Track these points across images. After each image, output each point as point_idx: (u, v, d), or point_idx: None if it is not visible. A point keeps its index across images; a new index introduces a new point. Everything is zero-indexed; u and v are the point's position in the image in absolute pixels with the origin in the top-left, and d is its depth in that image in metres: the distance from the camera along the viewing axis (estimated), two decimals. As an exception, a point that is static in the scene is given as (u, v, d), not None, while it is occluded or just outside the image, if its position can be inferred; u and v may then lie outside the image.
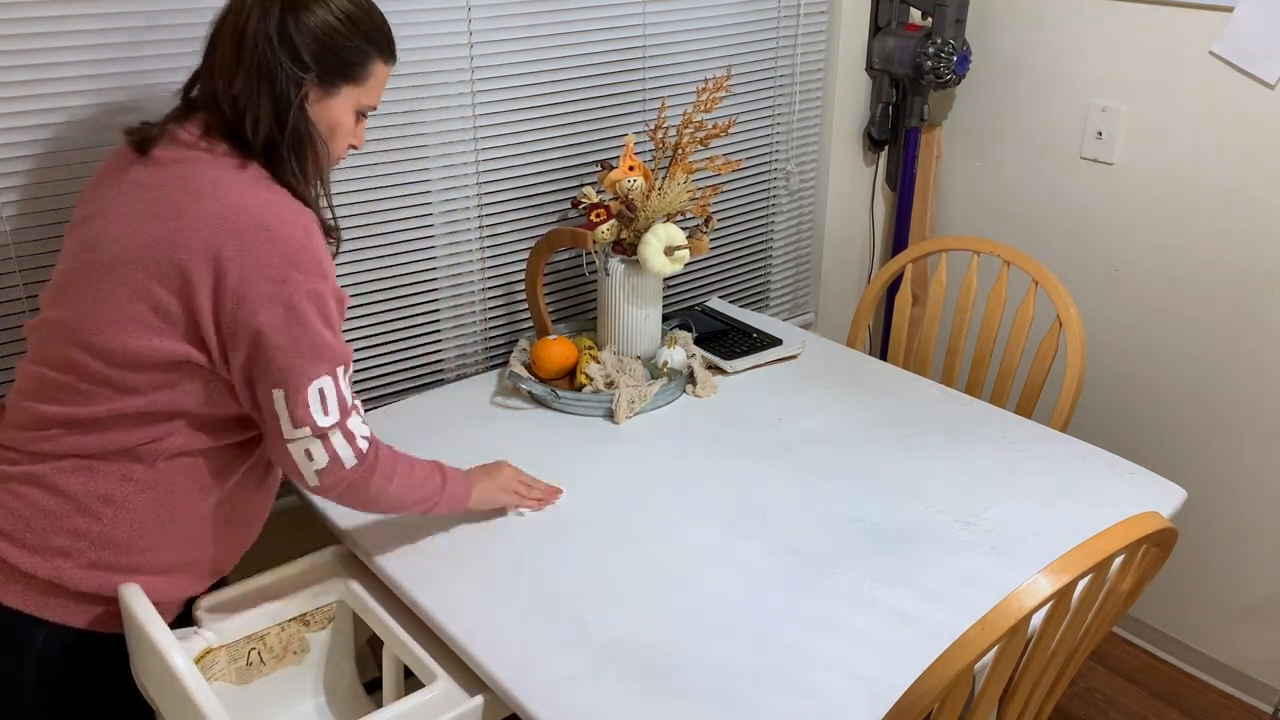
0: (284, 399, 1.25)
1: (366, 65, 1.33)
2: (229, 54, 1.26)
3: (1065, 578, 1.06)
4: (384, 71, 1.37)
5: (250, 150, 1.27)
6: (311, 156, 1.31)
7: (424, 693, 1.33)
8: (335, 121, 1.33)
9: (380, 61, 1.35)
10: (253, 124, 1.26)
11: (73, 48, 1.47)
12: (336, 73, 1.30)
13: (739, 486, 1.64)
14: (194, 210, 1.22)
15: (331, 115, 1.32)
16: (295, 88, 1.26)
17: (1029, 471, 1.67)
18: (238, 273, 1.21)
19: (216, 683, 1.47)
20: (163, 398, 1.26)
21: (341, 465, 1.31)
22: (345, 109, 1.33)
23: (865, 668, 1.27)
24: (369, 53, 1.32)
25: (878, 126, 2.51)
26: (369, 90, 1.35)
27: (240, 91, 1.25)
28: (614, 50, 2.03)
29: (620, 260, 1.89)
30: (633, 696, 1.23)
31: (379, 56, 1.34)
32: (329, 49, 1.28)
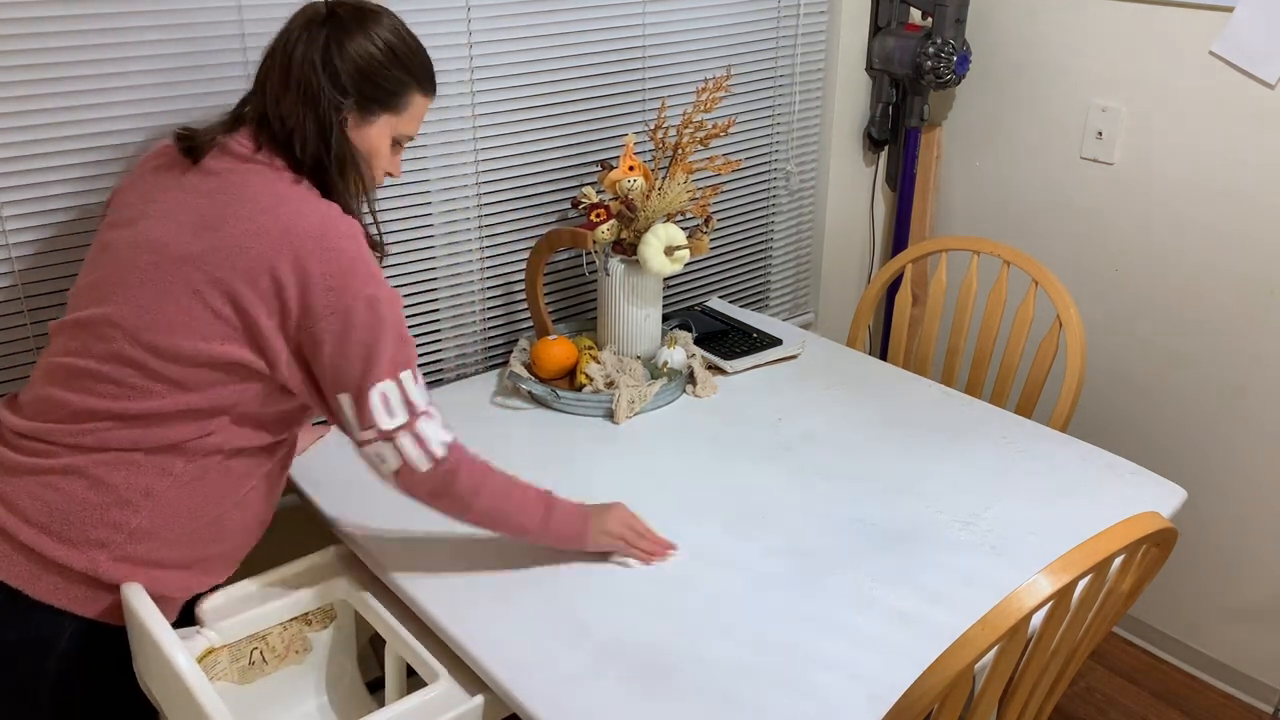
0: (350, 403, 1.29)
1: (404, 95, 1.37)
2: (278, 76, 1.32)
3: (1065, 578, 1.07)
4: (422, 103, 1.41)
5: (301, 166, 1.32)
6: (355, 177, 1.36)
7: (425, 692, 1.33)
8: (372, 148, 1.38)
9: (419, 93, 1.39)
10: (301, 142, 1.31)
11: (74, 47, 1.47)
12: (374, 100, 1.35)
13: (739, 486, 1.64)
14: (254, 221, 1.26)
15: (369, 141, 1.37)
16: (335, 111, 1.32)
17: (1029, 471, 1.67)
18: (299, 283, 1.25)
19: (219, 682, 1.48)
20: (218, 395, 1.29)
21: (414, 469, 1.33)
22: (383, 136, 1.38)
23: (865, 668, 1.27)
24: (408, 84, 1.37)
25: (878, 126, 2.51)
26: (406, 120, 1.40)
27: (288, 111, 1.31)
28: (614, 50, 2.03)
29: (620, 260, 1.89)
30: (633, 696, 1.23)
31: (417, 88, 1.39)
32: (368, 77, 1.33)
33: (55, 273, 1.55)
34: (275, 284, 1.24)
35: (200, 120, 1.40)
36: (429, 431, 1.33)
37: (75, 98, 1.49)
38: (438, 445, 1.33)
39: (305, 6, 1.36)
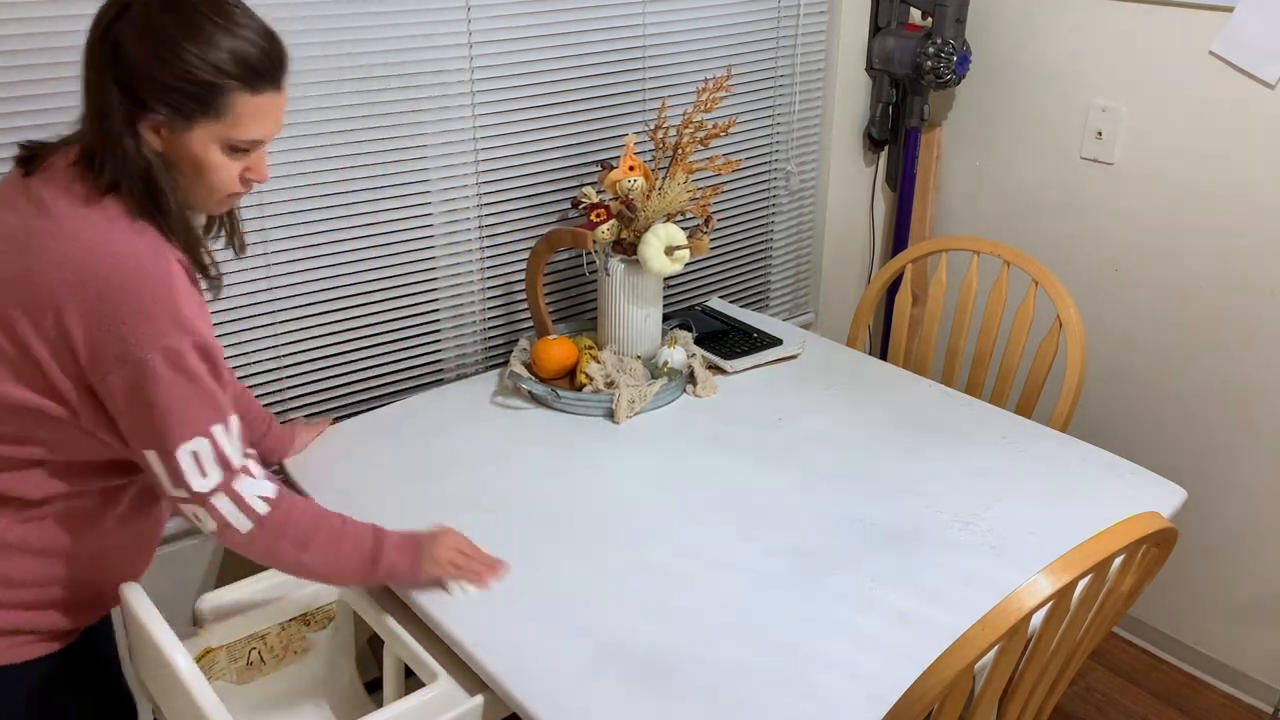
0: (158, 460, 1.18)
1: (219, 97, 1.13)
2: (82, 81, 1.15)
3: (1065, 578, 1.07)
4: (251, 103, 1.16)
5: (109, 186, 1.15)
6: (169, 194, 1.16)
7: (424, 692, 1.33)
8: (195, 158, 1.17)
9: (242, 92, 1.15)
10: (98, 159, 1.14)
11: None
12: (180, 106, 1.13)
13: (739, 486, 1.64)
14: (48, 251, 1.12)
15: (190, 151, 1.16)
16: (128, 123, 1.13)
17: (1029, 471, 1.67)
18: (85, 329, 1.11)
19: (217, 682, 1.47)
20: (13, 448, 1.18)
21: (235, 530, 1.23)
22: (204, 144, 1.16)
23: (865, 668, 1.27)
24: (221, 84, 1.13)
25: (878, 126, 2.51)
26: (233, 124, 1.16)
27: (84, 123, 1.15)
28: (614, 50, 2.03)
29: (620, 260, 1.89)
30: (633, 696, 1.23)
31: (239, 87, 1.14)
32: (163, 81, 1.11)
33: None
34: (59, 325, 1.11)
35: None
36: (246, 489, 1.22)
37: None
38: (257, 503, 1.23)
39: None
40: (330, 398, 1.88)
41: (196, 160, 1.17)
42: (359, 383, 1.91)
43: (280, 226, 1.73)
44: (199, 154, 1.16)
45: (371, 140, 1.78)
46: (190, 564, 1.81)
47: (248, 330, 1.75)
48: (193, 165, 1.17)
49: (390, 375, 1.95)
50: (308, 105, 1.69)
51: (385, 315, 1.90)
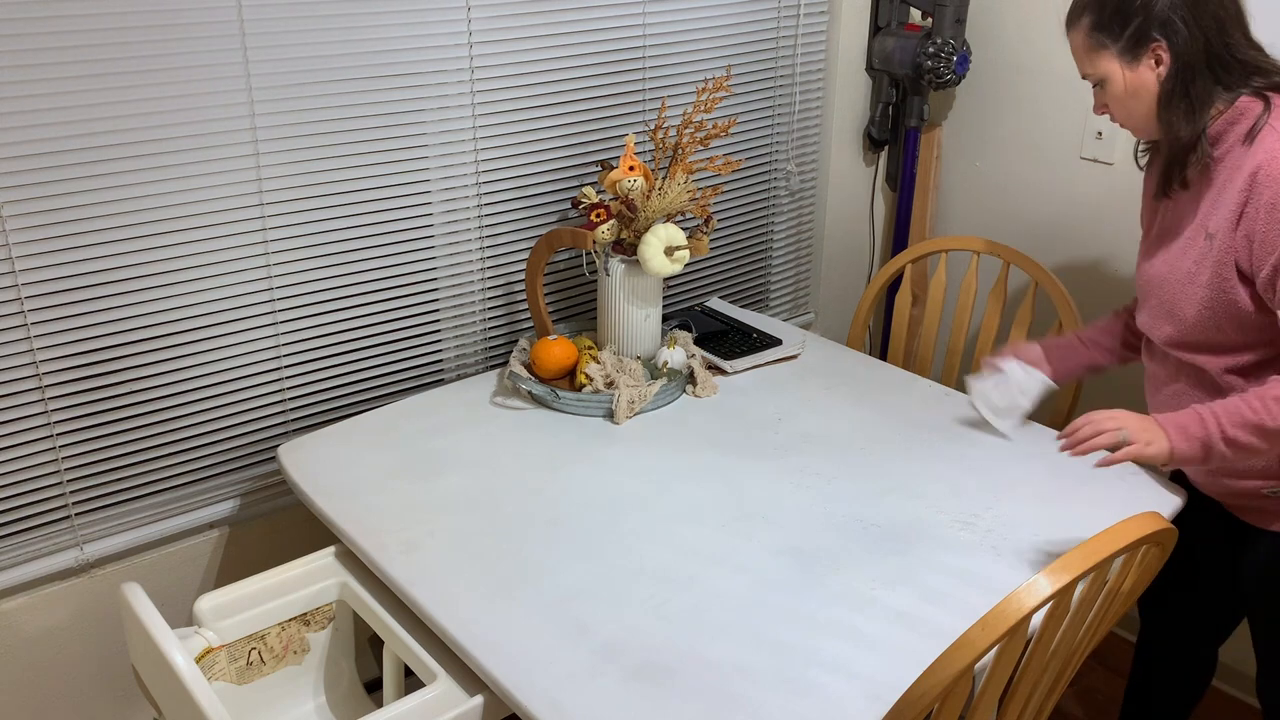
0: None
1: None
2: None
3: (1065, 578, 1.07)
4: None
5: None
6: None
7: (424, 692, 1.33)
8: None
9: None
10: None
11: (73, 47, 1.47)
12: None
13: (739, 486, 1.64)
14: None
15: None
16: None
17: (1029, 471, 1.67)
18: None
19: (217, 682, 1.47)
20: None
21: None
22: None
23: (865, 668, 1.27)
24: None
25: (878, 126, 2.51)
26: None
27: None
28: (614, 50, 2.03)
29: (620, 260, 1.89)
30: (633, 696, 1.23)
31: None
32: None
33: (55, 273, 1.55)
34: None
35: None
36: None
37: (75, 97, 1.49)
38: None
39: None
40: (330, 398, 1.88)
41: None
42: (359, 383, 1.91)
43: (280, 226, 1.73)
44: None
45: (371, 140, 1.78)
46: (190, 564, 1.81)
47: (248, 330, 1.75)
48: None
49: (390, 375, 1.95)
50: (308, 105, 1.69)
51: (385, 315, 1.90)
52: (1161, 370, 1.59)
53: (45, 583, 1.67)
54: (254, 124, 1.65)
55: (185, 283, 1.67)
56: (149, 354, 1.67)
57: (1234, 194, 1.40)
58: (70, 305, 1.58)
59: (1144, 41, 1.41)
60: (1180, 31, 1.39)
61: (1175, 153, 1.46)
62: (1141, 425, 1.41)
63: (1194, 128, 1.42)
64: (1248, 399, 1.35)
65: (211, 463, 1.79)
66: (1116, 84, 1.45)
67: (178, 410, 1.72)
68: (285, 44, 1.64)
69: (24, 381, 1.57)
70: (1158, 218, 1.57)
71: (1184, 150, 1.45)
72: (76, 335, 1.59)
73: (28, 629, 1.66)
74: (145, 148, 1.57)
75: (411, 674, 1.46)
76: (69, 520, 1.67)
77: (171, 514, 1.77)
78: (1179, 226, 1.51)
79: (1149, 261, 1.56)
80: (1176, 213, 1.52)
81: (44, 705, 1.71)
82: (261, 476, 1.85)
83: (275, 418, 1.83)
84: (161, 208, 1.61)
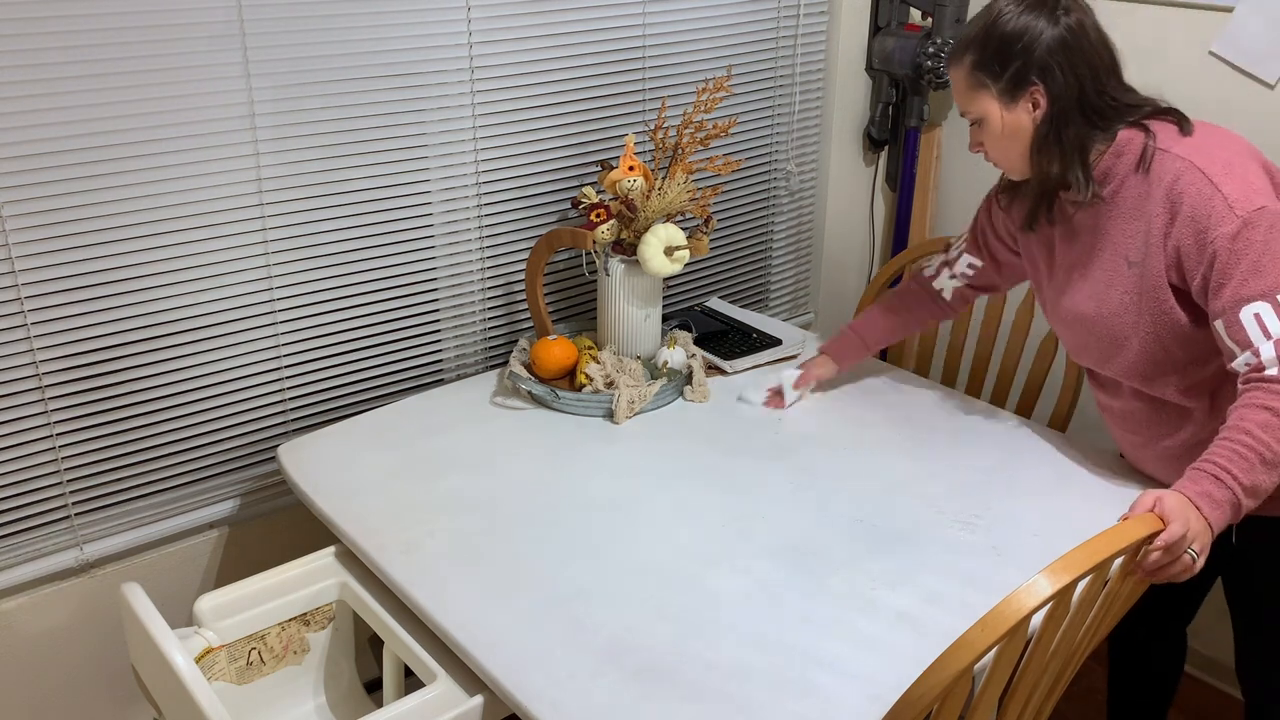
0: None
1: None
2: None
3: (1065, 578, 1.07)
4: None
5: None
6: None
7: (424, 692, 1.33)
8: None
9: None
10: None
11: (74, 47, 1.47)
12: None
13: (739, 487, 1.64)
14: None
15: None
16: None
17: (1029, 471, 1.67)
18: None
19: (217, 682, 1.47)
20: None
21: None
22: None
23: (865, 668, 1.27)
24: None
25: (878, 126, 2.51)
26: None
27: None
28: (614, 50, 2.03)
29: (620, 260, 1.89)
30: (633, 696, 1.23)
31: None
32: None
33: (55, 273, 1.55)
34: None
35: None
36: None
37: (75, 97, 1.49)
38: None
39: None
40: (330, 398, 1.88)
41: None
42: (359, 383, 1.91)
43: (280, 226, 1.73)
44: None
45: (371, 140, 1.78)
46: (190, 564, 1.81)
47: (248, 330, 1.75)
48: None
49: (390, 375, 1.95)
50: (308, 105, 1.69)
51: (385, 315, 1.90)
52: (1116, 402, 1.61)
53: (45, 583, 1.67)
54: (254, 124, 1.65)
55: (185, 283, 1.67)
56: (149, 354, 1.67)
57: (1151, 217, 1.43)
58: (70, 305, 1.58)
59: (1023, 84, 1.43)
60: (1057, 78, 1.42)
61: (1044, 190, 1.51)
62: (1197, 526, 1.28)
63: (1063, 169, 1.46)
64: (1236, 436, 1.30)
65: (211, 463, 1.79)
66: (994, 124, 1.47)
67: (178, 410, 1.72)
68: (285, 44, 1.64)
69: (24, 381, 1.57)
70: (1056, 257, 1.58)
71: (1053, 189, 1.50)
72: (76, 335, 1.59)
73: (28, 629, 1.66)
74: (145, 148, 1.57)
75: (411, 674, 1.46)
76: (69, 520, 1.67)
77: (171, 514, 1.77)
78: (1088, 262, 1.53)
79: (1066, 299, 1.57)
80: (1080, 250, 1.54)
81: (44, 705, 1.71)
82: (261, 476, 1.85)
83: (275, 418, 1.83)
84: (161, 208, 1.61)
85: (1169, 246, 1.41)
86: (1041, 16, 1.42)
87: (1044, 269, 1.63)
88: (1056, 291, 1.60)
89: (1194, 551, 1.24)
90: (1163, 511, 1.23)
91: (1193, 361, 1.46)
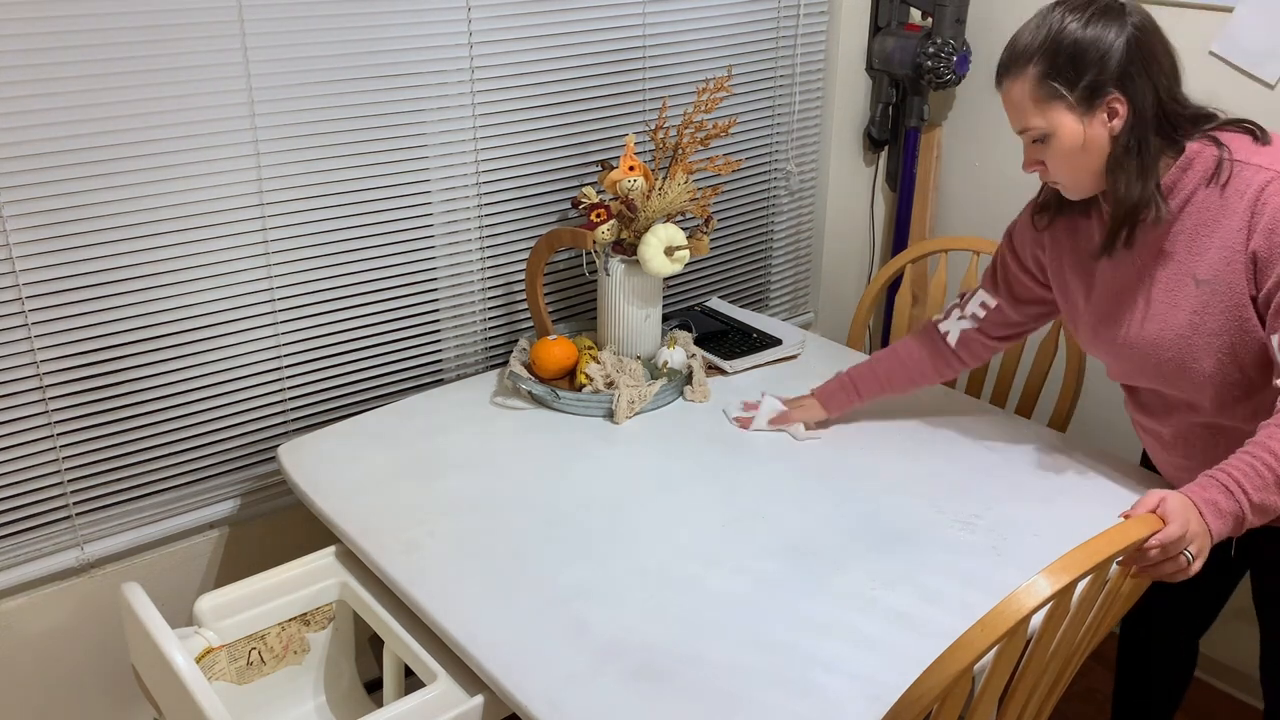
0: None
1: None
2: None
3: (1065, 578, 1.06)
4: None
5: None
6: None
7: (424, 692, 1.33)
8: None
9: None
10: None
11: (74, 47, 1.47)
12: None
13: (739, 486, 1.64)
14: None
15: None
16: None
17: (1029, 471, 1.67)
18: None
19: (217, 682, 1.47)
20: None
21: None
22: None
23: (865, 668, 1.27)
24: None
25: (878, 126, 2.51)
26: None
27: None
28: (614, 50, 2.03)
29: (620, 260, 1.89)
30: (633, 696, 1.23)
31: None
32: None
33: (55, 273, 1.55)
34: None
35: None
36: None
37: (75, 97, 1.49)
38: None
39: None
40: (330, 398, 1.88)
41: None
42: (359, 383, 1.91)
43: (280, 226, 1.73)
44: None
45: (371, 140, 1.78)
46: (190, 564, 1.81)
47: (248, 330, 1.75)
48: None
49: (390, 375, 1.95)
50: (308, 105, 1.69)
51: (385, 315, 1.90)
52: (1165, 426, 1.53)
53: (45, 583, 1.67)
54: (254, 124, 1.65)
55: (185, 283, 1.67)
56: (149, 354, 1.67)
57: (1231, 232, 1.36)
58: (70, 305, 1.58)
59: (1099, 94, 1.35)
60: (1136, 85, 1.35)
61: (1126, 211, 1.40)
62: (1196, 529, 1.26)
63: (1144, 185, 1.38)
64: (1258, 453, 1.27)
65: (211, 463, 1.79)
66: (1065, 138, 1.37)
67: (178, 410, 1.72)
68: (285, 44, 1.64)
69: (24, 381, 1.57)
70: (1095, 281, 1.51)
71: (1135, 208, 1.39)
72: (76, 335, 1.59)
73: (28, 629, 1.66)
74: (145, 148, 1.57)
75: (411, 674, 1.46)
76: (69, 520, 1.67)
77: (171, 514, 1.77)
78: (1143, 285, 1.45)
79: (1120, 327, 1.49)
80: (1131, 272, 1.46)
81: (44, 705, 1.71)
82: (261, 476, 1.85)
83: (275, 418, 1.83)
84: (161, 208, 1.61)
85: (1247, 258, 1.34)
86: (1111, 20, 1.34)
87: (1081, 297, 1.54)
88: (1099, 319, 1.51)
89: (1190, 554, 1.23)
90: (1164, 512, 1.22)
91: (1267, 384, 1.40)
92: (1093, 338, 1.54)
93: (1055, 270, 1.57)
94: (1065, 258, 1.55)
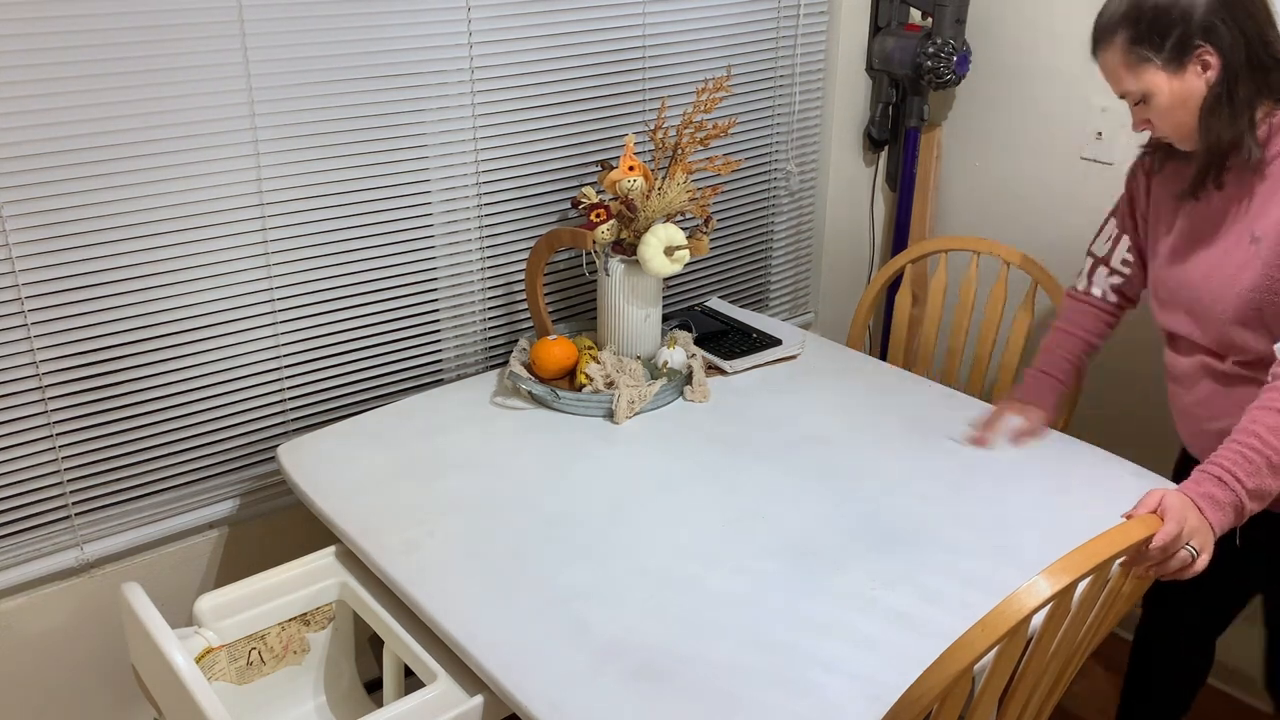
0: None
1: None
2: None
3: (1065, 579, 1.07)
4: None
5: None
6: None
7: (424, 692, 1.33)
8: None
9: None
10: None
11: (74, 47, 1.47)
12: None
13: (739, 486, 1.64)
14: None
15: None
16: None
17: (1029, 471, 1.67)
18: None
19: (217, 682, 1.47)
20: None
21: None
22: None
23: (865, 668, 1.27)
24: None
25: (878, 126, 2.51)
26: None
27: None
28: (614, 50, 2.03)
29: (620, 260, 1.89)
30: (633, 696, 1.23)
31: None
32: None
33: (55, 273, 1.55)
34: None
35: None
36: None
37: (75, 97, 1.49)
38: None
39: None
40: (330, 398, 1.88)
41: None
42: (359, 383, 1.91)
43: (280, 226, 1.73)
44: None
45: (371, 140, 1.78)
46: (190, 564, 1.81)
47: (248, 330, 1.75)
48: None
49: (390, 375, 1.95)
50: (308, 105, 1.69)
51: (385, 315, 1.90)
52: (1188, 367, 1.58)
53: (45, 583, 1.67)
54: (254, 124, 1.65)
55: (185, 283, 1.67)
56: (149, 354, 1.67)
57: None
58: (70, 305, 1.58)
59: (1188, 49, 1.39)
60: (1224, 35, 1.38)
61: (1213, 156, 1.45)
62: (1195, 524, 1.28)
63: (1235, 130, 1.41)
64: (1245, 439, 1.30)
65: (211, 463, 1.79)
66: (1162, 96, 1.43)
67: (178, 410, 1.72)
68: (285, 44, 1.64)
69: (24, 381, 1.57)
70: (1178, 220, 1.55)
71: (1223, 153, 1.44)
72: (76, 335, 1.59)
73: (28, 629, 1.66)
74: (145, 148, 1.57)
75: (411, 674, 1.46)
76: (69, 520, 1.67)
77: (171, 514, 1.77)
78: (1213, 230, 1.49)
79: (1180, 265, 1.54)
80: (1208, 216, 1.50)
81: (44, 705, 1.71)
82: (261, 476, 1.85)
83: (275, 418, 1.83)
84: (161, 208, 1.61)
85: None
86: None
87: (1163, 234, 1.58)
88: (1171, 255, 1.55)
89: (1193, 548, 1.24)
90: (1163, 511, 1.23)
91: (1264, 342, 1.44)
92: (1164, 275, 1.57)
93: (1155, 212, 1.61)
94: (1165, 201, 1.59)
